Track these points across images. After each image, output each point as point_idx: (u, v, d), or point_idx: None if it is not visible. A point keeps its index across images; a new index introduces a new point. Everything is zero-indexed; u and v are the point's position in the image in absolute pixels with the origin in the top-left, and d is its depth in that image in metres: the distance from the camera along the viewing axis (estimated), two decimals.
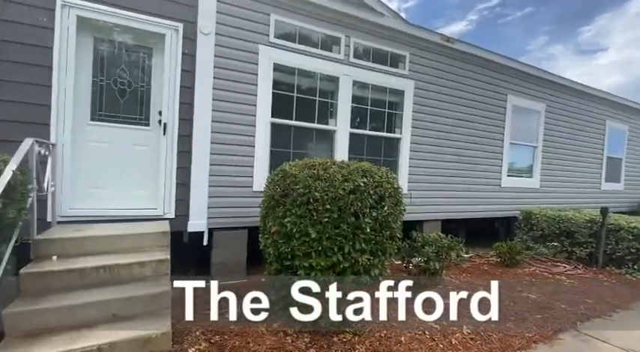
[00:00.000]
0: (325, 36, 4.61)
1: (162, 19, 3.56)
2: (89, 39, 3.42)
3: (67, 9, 3.18)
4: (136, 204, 3.61)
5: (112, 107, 3.56)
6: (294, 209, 2.62)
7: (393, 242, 2.84)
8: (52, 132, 3.15)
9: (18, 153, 2.31)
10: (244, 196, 4.07)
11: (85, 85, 3.40)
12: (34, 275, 2.44)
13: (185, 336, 2.54)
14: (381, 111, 5.15)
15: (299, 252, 2.57)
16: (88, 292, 2.50)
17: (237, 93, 4.00)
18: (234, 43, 3.95)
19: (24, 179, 2.41)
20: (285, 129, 4.38)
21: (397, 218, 2.83)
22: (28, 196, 2.50)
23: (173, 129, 3.66)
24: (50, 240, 2.75)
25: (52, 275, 2.49)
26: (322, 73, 4.61)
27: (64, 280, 2.52)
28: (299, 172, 2.72)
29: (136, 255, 2.91)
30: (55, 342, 2.12)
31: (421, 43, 5.34)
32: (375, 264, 2.70)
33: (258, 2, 4.08)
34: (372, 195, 2.62)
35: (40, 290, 2.43)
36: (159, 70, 3.70)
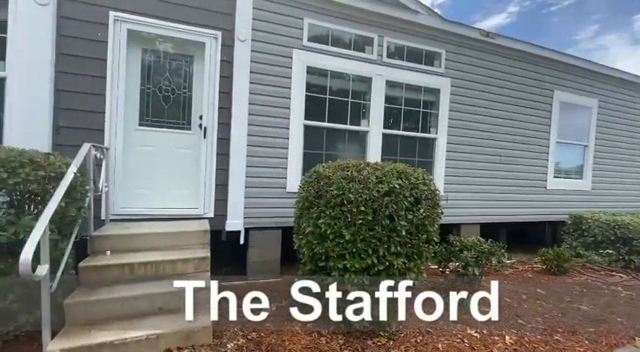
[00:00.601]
0: (358, 37, 4.59)
1: (203, 29, 3.75)
2: (137, 50, 3.68)
3: (118, 23, 3.46)
4: (178, 203, 3.83)
5: (157, 113, 3.80)
6: (328, 210, 2.63)
7: (429, 246, 2.76)
8: (106, 137, 3.44)
9: (78, 157, 2.55)
10: (278, 197, 4.16)
11: (133, 92, 3.66)
12: (91, 268, 2.67)
13: (224, 331, 2.64)
14: (416, 110, 5.03)
15: (333, 253, 2.58)
16: (137, 286, 2.69)
17: (272, 97, 4.11)
18: (268, 48, 4.06)
19: (83, 180, 2.65)
20: (317, 131, 4.42)
21: (434, 221, 2.74)
22: (86, 196, 2.75)
23: (213, 132, 3.84)
24: (104, 237, 2.99)
25: (106, 269, 2.71)
26: (354, 74, 4.60)
27: (116, 274, 2.74)
28: (333, 174, 2.73)
29: (179, 252, 3.08)
30: (109, 330, 2.30)
31: (458, 40, 5.15)
32: (410, 267, 2.64)
33: (293, 7, 4.16)
34: (408, 197, 2.57)
35: (95, 282, 2.66)
36: (199, 76, 3.90)
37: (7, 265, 2.02)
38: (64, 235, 2.47)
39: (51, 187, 2.25)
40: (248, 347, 2.50)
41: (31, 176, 2.16)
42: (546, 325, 3.09)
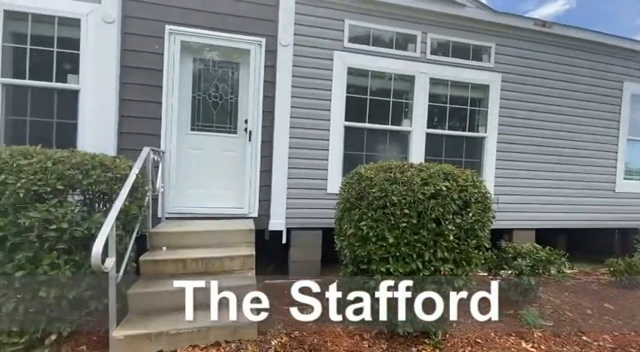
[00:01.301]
0: (400, 35, 4.49)
1: (248, 36, 3.91)
2: (189, 60, 3.94)
3: (173, 36, 3.73)
4: (225, 203, 4.02)
5: (206, 118, 4.04)
6: (370, 212, 2.60)
7: (479, 252, 2.60)
8: (162, 141, 3.72)
9: (139, 160, 2.79)
10: (319, 198, 4.20)
11: (185, 99, 3.92)
12: (150, 262, 2.91)
13: (268, 328, 2.72)
14: (462, 108, 4.79)
15: (375, 256, 2.54)
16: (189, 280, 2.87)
17: (313, 100, 4.16)
18: (310, 51, 4.12)
19: (143, 181, 2.90)
20: (358, 132, 4.39)
21: (485, 226, 2.58)
22: (146, 195, 3.00)
23: (257, 135, 3.98)
24: (160, 233, 3.24)
25: (163, 263, 2.93)
26: (396, 73, 4.50)
27: (171, 268, 2.95)
28: (375, 175, 2.69)
29: (226, 249, 3.24)
30: (165, 320, 2.49)
31: (509, 32, 4.81)
32: (458, 274, 2.51)
33: (334, 9, 4.18)
34: (456, 200, 2.45)
35: (153, 275, 2.88)
36: (244, 82, 4.07)
37: (81, 257, 2.27)
38: (127, 231, 2.71)
39: (117, 187, 2.49)
40: (291, 345, 2.55)
41: (101, 177, 2.41)
42: (616, 344, 2.76)
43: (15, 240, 2.08)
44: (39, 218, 2.09)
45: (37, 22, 3.48)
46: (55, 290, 2.15)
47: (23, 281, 2.10)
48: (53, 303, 2.19)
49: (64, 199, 2.27)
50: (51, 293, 2.13)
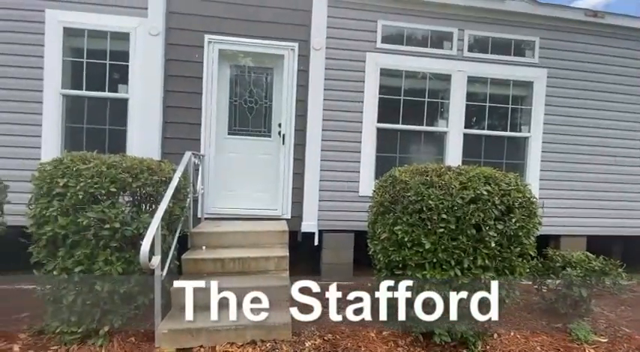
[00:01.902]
0: (435, 33, 4.36)
1: (282, 42, 4.00)
2: (226, 67, 4.11)
3: (212, 45, 3.91)
4: (259, 204, 4.14)
5: (242, 122, 4.19)
6: (405, 217, 2.55)
7: (523, 260, 2.46)
8: (202, 145, 3.91)
9: (182, 164, 2.95)
10: (351, 200, 4.18)
11: (223, 105, 4.09)
12: (191, 261, 3.06)
13: (302, 329, 2.75)
14: (503, 107, 4.54)
15: (411, 262, 2.48)
16: (227, 279, 2.97)
17: (345, 102, 4.15)
18: (342, 54, 4.12)
19: (185, 183, 3.06)
20: (391, 134, 4.32)
21: (530, 232, 2.43)
22: (187, 197, 3.17)
23: (290, 139, 4.06)
24: (200, 233, 3.40)
25: (202, 262, 3.07)
26: (431, 72, 4.37)
27: (210, 267, 3.08)
28: (410, 178, 2.63)
29: (261, 250, 3.32)
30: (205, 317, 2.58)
31: (555, 24, 4.50)
32: (500, 283, 2.38)
33: (366, 11, 4.16)
34: (498, 205, 2.33)
35: (194, 273, 3.03)
36: (278, 87, 4.17)
37: (130, 254, 2.45)
38: (170, 231, 2.87)
39: (162, 190, 2.65)
40: (324, 348, 2.56)
41: (148, 180, 2.58)
42: None
43: (75, 238, 2.28)
44: (95, 218, 2.28)
45: (92, 37, 3.80)
46: (109, 284, 2.33)
47: (81, 276, 2.30)
48: (106, 297, 2.37)
49: (116, 200, 2.45)
50: (105, 287, 2.32)
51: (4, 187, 2.77)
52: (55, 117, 3.68)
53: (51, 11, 3.67)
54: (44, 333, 2.48)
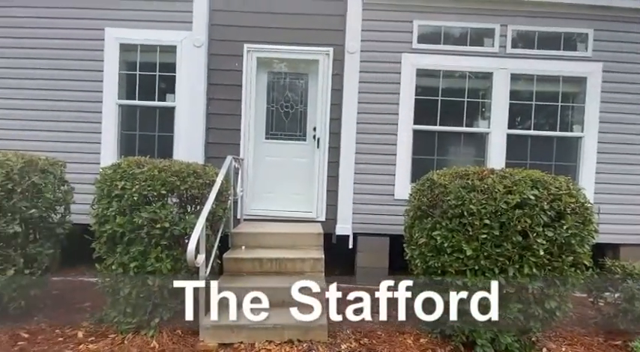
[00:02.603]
0: (474, 30, 4.20)
1: (317, 47, 4.08)
2: (264, 74, 4.27)
3: (250, 53, 4.08)
4: (295, 207, 4.23)
5: (279, 127, 4.32)
6: (445, 222, 2.48)
7: (577, 270, 2.28)
8: (241, 149, 4.09)
9: (223, 167, 3.11)
10: (386, 204, 4.13)
11: (260, 110, 4.25)
12: (231, 260, 3.20)
13: (337, 332, 2.76)
14: (551, 105, 4.25)
15: (451, 268, 2.41)
16: (265, 278, 3.08)
17: (380, 104, 4.13)
18: (377, 56, 4.10)
19: (227, 186, 3.22)
20: (428, 136, 4.21)
21: (584, 240, 2.25)
22: (229, 199, 3.33)
23: (325, 142, 4.12)
24: (240, 234, 3.55)
25: (242, 261, 3.20)
26: (471, 71, 4.21)
27: (248, 266, 3.20)
28: (449, 182, 2.55)
29: (297, 251, 3.39)
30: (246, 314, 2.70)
31: (611, 14, 4.13)
32: (550, 295, 2.24)
33: (402, 12, 4.11)
34: (547, 210, 2.19)
35: (235, 271, 3.17)
36: (313, 91, 4.25)
37: (178, 252, 2.62)
38: (213, 231, 3.03)
39: (206, 192, 2.81)
40: (360, 351, 2.55)
41: (194, 183, 2.75)
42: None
43: (130, 236, 2.49)
44: (147, 218, 2.48)
45: (144, 51, 4.14)
46: (159, 280, 2.52)
47: (136, 271, 2.51)
48: (157, 291, 2.56)
49: (165, 202, 2.64)
50: (156, 282, 2.50)
51: (71, 189, 3.10)
52: (112, 125, 4.06)
53: (110, 29, 4.05)
54: (103, 322, 2.72)
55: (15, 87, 4.10)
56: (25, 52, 4.10)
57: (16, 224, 2.58)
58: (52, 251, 2.87)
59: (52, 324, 2.74)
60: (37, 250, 2.74)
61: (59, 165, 2.99)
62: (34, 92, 4.10)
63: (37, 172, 2.72)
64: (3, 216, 2.54)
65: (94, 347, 2.43)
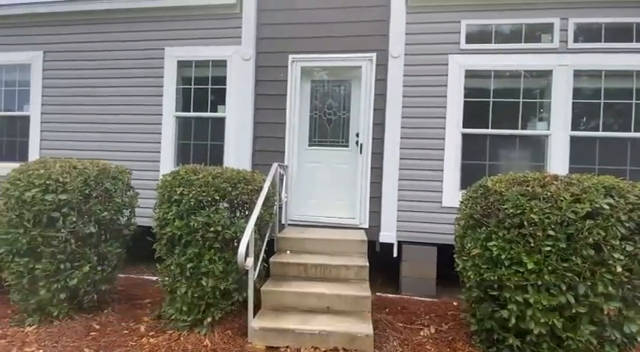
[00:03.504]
0: (529, 26, 3.92)
1: (360, 54, 4.09)
2: (307, 82, 4.37)
3: (295, 63, 4.21)
4: (337, 213, 4.23)
5: (321, 133, 4.38)
6: (501, 232, 2.31)
7: None
8: (286, 156, 4.21)
9: (270, 174, 3.21)
10: (433, 211, 3.97)
11: (304, 118, 4.35)
12: (277, 264, 3.28)
13: (383, 343, 2.69)
14: (624, 103, 3.81)
15: (509, 282, 2.23)
16: (309, 283, 3.11)
17: (425, 108, 4.01)
18: (422, 59, 4.00)
19: (273, 192, 3.32)
20: (478, 139, 3.99)
21: None
22: (275, 204, 3.42)
23: (368, 148, 4.08)
24: (285, 238, 3.63)
25: (288, 266, 3.26)
26: (527, 70, 3.93)
27: (294, 270, 3.25)
28: (506, 189, 2.38)
29: (341, 258, 3.38)
30: (291, 319, 2.74)
31: None
32: (630, 317, 1.97)
33: (448, 12, 3.98)
34: (624, 222, 1.95)
35: (280, 275, 3.24)
36: (356, 97, 4.25)
37: (229, 255, 2.75)
38: (260, 235, 3.14)
39: (255, 197, 2.92)
40: None
41: (244, 189, 2.88)
42: None
43: (187, 239, 2.67)
44: (202, 221, 2.64)
45: (198, 66, 4.47)
46: (212, 280, 2.66)
47: (191, 272, 2.67)
48: (210, 292, 2.70)
49: (218, 207, 2.80)
50: (209, 283, 2.65)
51: (136, 194, 3.41)
52: (170, 135, 4.42)
53: (169, 48, 4.44)
54: (161, 318, 2.93)
55: (90, 103, 4.66)
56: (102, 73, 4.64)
57: (91, 225, 2.90)
58: (119, 250, 3.17)
59: (118, 318, 3.01)
60: (107, 249, 3.05)
61: (126, 172, 3.31)
62: (106, 107, 4.62)
63: (108, 179, 3.04)
64: (81, 217, 2.86)
65: (154, 341, 2.62)
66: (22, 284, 2.77)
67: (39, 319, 2.81)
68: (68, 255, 2.80)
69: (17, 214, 2.71)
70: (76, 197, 2.79)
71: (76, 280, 2.79)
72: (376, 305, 3.37)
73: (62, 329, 2.73)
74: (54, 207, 2.71)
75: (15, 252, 2.75)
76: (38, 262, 2.73)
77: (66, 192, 2.74)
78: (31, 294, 2.79)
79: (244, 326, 2.78)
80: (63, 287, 2.78)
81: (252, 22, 4.26)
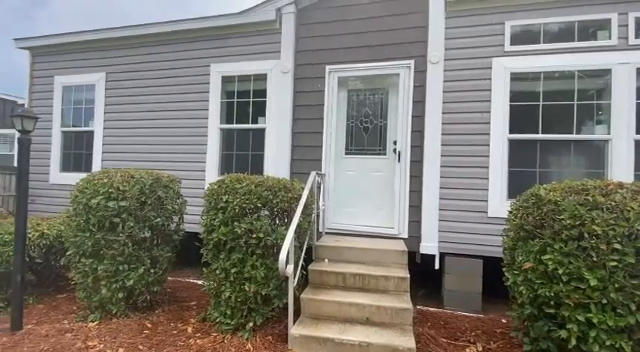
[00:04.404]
0: (583, 23, 3.66)
1: (397, 61, 4.06)
2: (344, 92, 4.42)
3: (332, 74, 4.29)
4: (375, 222, 4.17)
5: (358, 142, 4.38)
6: (558, 244, 2.14)
7: None
8: (322, 165, 4.26)
9: (308, 182, 3.27)
10: (478, 222, 3.77)
11: (341, 127, 4.39)
12: (316, 272, 3.30)
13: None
14: None
15: (568, 300, 2.05)
16: (348, 293, 3.08)
17: (467, 114, 3.86)
18: (463, 63, 3.89)
19: (312, 200, 3.38)
20: (527, 145, 3.75)
21: None
22: (313, 212, 3.47)
23: (406, 156, 4.01)
24: (323, 246, 3.64)
25: (326, 274, 3.27)
26: (581, 70, 3.65)
27: (332, 279, 3.25)
28: (562, 198, 2.21)
29: (380, 268, 3.32)
30: (330, 328, 2.73)
31: None
32: None
33: (490, 14, 3.84)
34: None
35: (319, 284, 3.25)
36: (393, 104, 4.22)
37: (270, 261, 2.82)
38: (299, 243, 3.19)
39: (294, 205, 2.99)
40: None
41: (284, 197, 2.96)
42: None
43: (232, 244, 2.79)
44: (245, 228, 2.74)
45: (240, 80, 4.71)
46: (254, 286, 2.74)
47: (235, 276, 2.78)
48: (252, 297, 2.78)
49: (259, 214, 2.90)
50: (251, 288, 2.73)
51: (184, 202, 3.63)
52: (215, 146, 4.68)
53: (214, 65, 4.75)
54: (206, 320, 3.06)
55: (144, 118, 5.10)
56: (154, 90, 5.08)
57: (146, 230, 3.14)
58: (169, 254, 3.39)
59: (167, 318, 3.20)
60: (159, 253, 3.27)
61: (177, 181, 3.55)
62: (158, 121, 5.02)
63: (161, 187, 3.28)
64: (137, 223, 3.10)
65: (200, 342, 2.74)
66: (87, 283, 3.05)
67: (100, 316, 3.06)
68: (126, 258, 3.04)
69: (84, 219, 3.01)
70: (134, 204, 3.04)
71: (132, 281, 3.02)
72: (417, 319, 3.26)
73: (119, 326, 2.96)
74: (115, 213, 2.98)
75: (81, 254, 3.05)
76: (101, 263, 3.00)
77: (125, 200, 3.00)
78: (93, 292, 3.06)
79: (284, 332, 2.82)
80: (121, 287, 3.02)
81: (290, 37, 4.42)
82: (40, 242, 3.45)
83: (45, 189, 5.56)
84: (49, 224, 3.71)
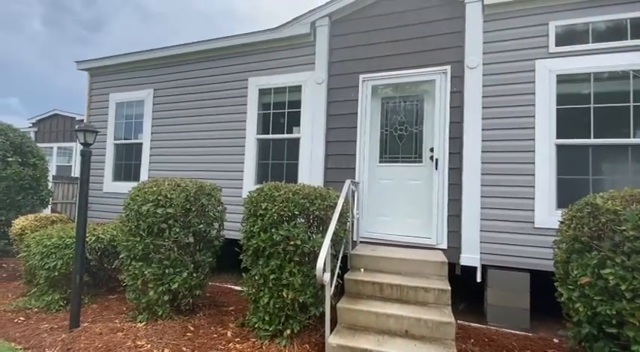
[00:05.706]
0: (636, 20, 3.40)
1: (432, 67, 4.01)
2: (377, 100, 4.42)
3: (365, 83, 4.32)
4: (411, 231, 4.07)
5: (393, 150, 4.34)
6: (619, 257, 1.96)
7: None
8: (356, 173, 4.26)
9: (343, 190, 3.28)
10: (523, 233, 3.56)
11: (374, 135, 4.37)
12: (352, 281, 3.27)
13: None
14: None
15: (633, 319, 1.86)
16: (385, 304, 3.02)
17: (510, 119, 3.70)
18: (503, 67, 3.75)
19: (347, 208, 3.37)
20: (578, 151, 3.51)
21: None
22: (348, 221, 3.46)
23: (444, 163, 3.90)
24: (358, 255, 3.61)
25: (362, 284, 3.23)
26: (635, 69, 3.38)
27: (368, 289, 3.20)
28: (622, 208, 2.04)
29: (419, 280, 3.22)
30: (368, 339, 2.68)
31: None
32: None
33: (530, 16, 3.69)
34: None
35: (355, 293, 3.22)
36: (429, 111, 4.14)
37: (307, 269, 2.85)
38: (335, 251, 3.19)
39: (330, 213, 3.01)
40: None
41: (320, 205, 2.99)
42: None
43: (270, 251, 2.86)
44: (283, 235, 2.80)
45: (276, 92, 4.87)
46: (292, 293, 2.77)
47: (273, 283, 2.83)
48: (289, 304, 2.81)
49: (296, 222, 2.94)
50: (289, 295, 2.77)
51: (224, 209, 3.78)
52: (252, 156, 4.86)
53: (251, 78, 4.98)
54: (245, 326, 3.13)
55: (187, 130, 5.43)
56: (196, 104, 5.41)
57: (190, 235, 3.30)
58: (210, 259, 3.53)
59: (208, 321, 3.31)
60: (201, 258, 3.42)
61: (218, 189, 3.71)
62: (200, 133, 5.33)
63: (204, 195, 3.45)
64: (182, 229, 3.28)
65: (240, 347, 2.80)
66: (136, 285, 3.25)
67: (147, 317, 3.24)
68: (171, 262, 3.22)
69: (135, 225, 3.24)
70: (179, 211, 3.22)
71: (176, 284, 3.18)
72: (459, 334, 3.10)
73: (165, 328, 3.11)
74: (163, 219, 3.17)
75: (132, 257, 3.26)
76: (149, 266, 3.19)
77: (172, 207, 3.19)
78: (142, 294, 3.26)
79: (320, 341, 2.81)
80: (166, 290, 3.19)
81: (324, 48, 4.53)
82: (95, 245, 3.75)
83: (99, 197, 6.05)
84: (103, 229, 4.02)
